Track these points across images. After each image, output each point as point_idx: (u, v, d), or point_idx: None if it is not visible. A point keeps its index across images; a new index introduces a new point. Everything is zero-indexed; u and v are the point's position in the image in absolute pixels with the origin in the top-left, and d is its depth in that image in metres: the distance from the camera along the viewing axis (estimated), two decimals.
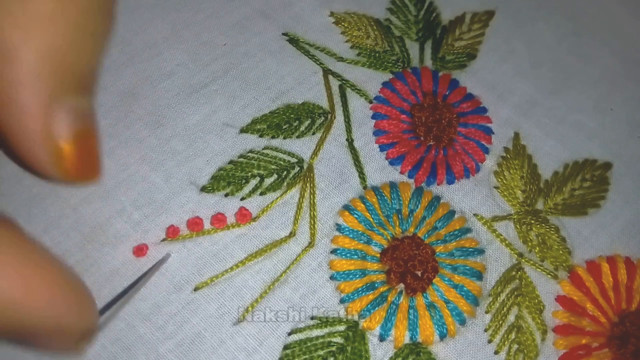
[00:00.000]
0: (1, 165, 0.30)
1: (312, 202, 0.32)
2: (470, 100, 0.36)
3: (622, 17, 0.41)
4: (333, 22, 0.38)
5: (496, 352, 0.30)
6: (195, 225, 0.30)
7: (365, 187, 0.33)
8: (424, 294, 0.30)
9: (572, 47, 0.39)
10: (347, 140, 0.34)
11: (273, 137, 0.33)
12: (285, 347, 0.28)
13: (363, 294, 0.30)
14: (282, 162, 0.32)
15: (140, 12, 0.36)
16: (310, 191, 0.32)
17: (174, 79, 0.34)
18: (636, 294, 0.32)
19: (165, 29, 0.36)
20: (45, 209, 0.30)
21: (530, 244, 0.32)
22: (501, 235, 0.32)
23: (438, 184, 0.33)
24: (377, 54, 0.37)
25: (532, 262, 0.32)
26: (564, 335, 0.30)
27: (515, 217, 0.33)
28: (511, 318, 0.30)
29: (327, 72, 0.36)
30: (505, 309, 0.30)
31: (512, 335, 0.30)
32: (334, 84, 0.35)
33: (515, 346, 0.30)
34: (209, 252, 0.30)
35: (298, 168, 0.32)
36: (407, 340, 0.29)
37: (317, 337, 0.29)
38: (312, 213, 0.31)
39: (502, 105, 0.36)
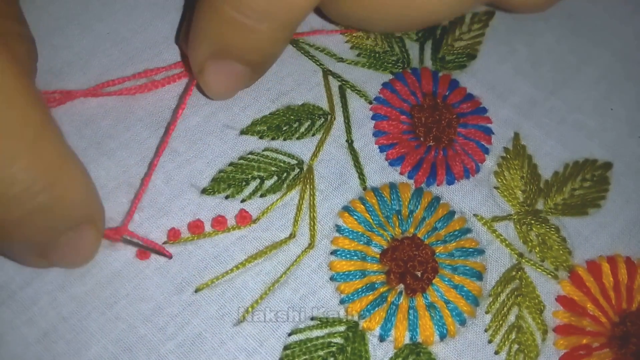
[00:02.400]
0: None
1: (312, 203, 0.32)
2: (470, 101, 0.36)
3: (622, 17, 0.41)
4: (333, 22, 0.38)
5: (496, 353, 0.30)
6: (196, 228, 0.30)
7: (365, 188, 0.33)
8: (424, 295, 0.30)
9: (572, 47, 0.39)
10: (347, 141, 0.34)
11: (273, 139, 0.33)
12: (286, 348, 0.28)
13: (363, 294, 0.30)
14: (282, 164, 0.32)
15: (140, 11, 0.36)
16: (310, 193, 0.32)
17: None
18: (637, 294, 0.32)
19: (166, 28, 0.36)
20: None
21: (530, 244, 0.32)
22: (501, 235, 0.32)
23: (438, 185, 0.33)
24: (377, 55, 0.37)
25: (532, 262, 0.32)
26: (565, 335, 0.30)
27: (515, 217, 0.33)
28: (511, 318, 0.30)
29: (327, 72, 0.36)
30: (505, 309, 0.31)
31: (513, 336, 0.30)
32: (334, 84, 0.35)
33: (516, 346, 0.30)
34: (209, 254, 0.30)
35: (298, 170, 0.32)
36: (407, 340, 0.29)
37: (317, 338, 0.29)
38: (312, 214, 0.31)
39: (502, 106, 0.36)
